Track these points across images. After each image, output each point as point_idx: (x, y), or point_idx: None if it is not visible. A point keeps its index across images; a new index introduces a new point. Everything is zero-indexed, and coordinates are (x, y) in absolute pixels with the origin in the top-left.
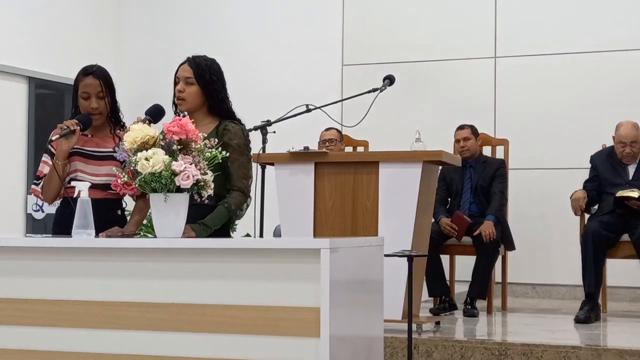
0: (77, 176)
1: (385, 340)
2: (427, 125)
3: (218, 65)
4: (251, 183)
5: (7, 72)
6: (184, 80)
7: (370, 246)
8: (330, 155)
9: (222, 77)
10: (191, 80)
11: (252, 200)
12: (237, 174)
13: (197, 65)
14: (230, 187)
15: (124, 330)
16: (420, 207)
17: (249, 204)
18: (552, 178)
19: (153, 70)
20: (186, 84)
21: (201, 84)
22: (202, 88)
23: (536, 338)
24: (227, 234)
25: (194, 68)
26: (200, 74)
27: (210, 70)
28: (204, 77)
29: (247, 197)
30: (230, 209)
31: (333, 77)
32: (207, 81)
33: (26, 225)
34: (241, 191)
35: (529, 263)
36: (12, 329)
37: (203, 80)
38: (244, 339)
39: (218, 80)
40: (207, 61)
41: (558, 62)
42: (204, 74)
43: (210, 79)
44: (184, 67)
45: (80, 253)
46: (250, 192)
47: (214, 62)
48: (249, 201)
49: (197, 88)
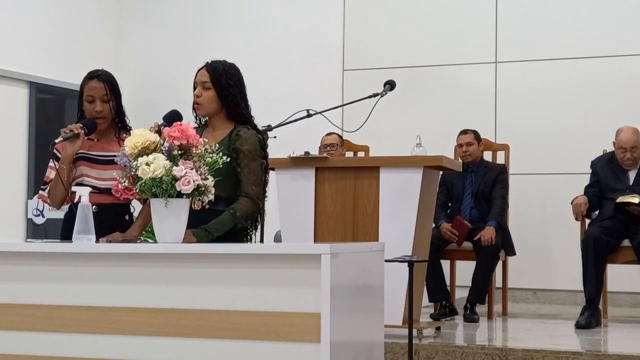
0: (83, 181)
1: (385, 345)
2: (427, 130)
3: (237, 69)
4: (263, 190)
5: (8, 76)
6: (201, 85)
7: (370, 251)
8: (331, 160)
9: (240, 81)
10: (207, 85)
11: None
12: (246, 180)
13: (214, 70)
14: (240, 193)
15: (125, 335)
16: (421, 212)
17: (260, 211)
18: (552, 183)
19: (153, 76)
20: (203, 88)
21: (217, 88)
22: (218, 92)
23: (537, 343)
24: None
25: (211, 72)
26: (216, 78)
27: (227, 75)
28: (219, 82)
29: (256, 204)
30: (235, 215)
31: (334, 82)
32: (222, 85)
33: (27, 230)
34: (249, 198)
35: (529, 268)
36: (12, 334)
37: (219, 84)
38: (245, 344)
39: (235, 85)
40: (224, 66)
41: (559, 67)
42: (220, 79)
43: (227, 83)
44: (202, 71)
45: (80, 258)
46: (262, 199)
47: (232, 66)
48: (261, 208)
49: (214, 92)
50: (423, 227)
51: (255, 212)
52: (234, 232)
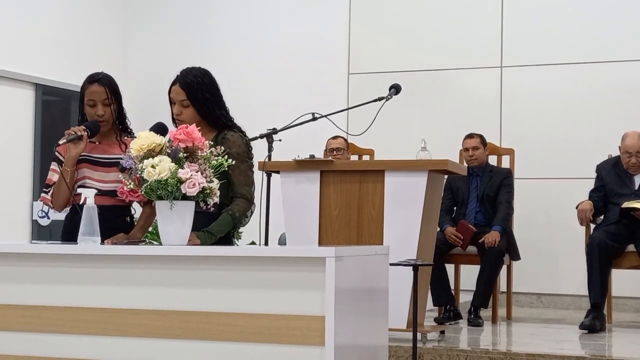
0: (85, 183)
1: (389, 349)
2: (433, 134)
3: (209, 77)
4: (254, 189)
5: (14, 78)
6: (179, 103)
7: (375, 255)
8: (335, 163)
9: (215, 90)
10: (186, 103)
11: (257, 208)
12: (238, 181)
13: (189, 86)
14: (234, 194)
15: (129, 337)
16: (426, 216)
17: (253, 210)
18: (557, 188)
19: (159, 78)
20: (182, 106)
21: (195, 105)
22: (197, 109)
23: (541, 348)
24: (229, 242)
25: (186, 90)
26: (192, 95)
27: (203, 88)
28: (197, 98)
29: (251, 203)
30: (235, 216)
31: (339, 86)
32: (200, 101)
33: (32, 232)
34: (245, 198)
35: (534, 273)
36: (17, 335)
37: (197, 101)
38: (249, 347)
39: (211, 97)
40: (197, 78)
41: (564, 72)
42: (196, 94)
43: (203, 97)
44: (176, 89)
45: (85, 260)
46: (254, 198)
47: (205, 75)
48: (254, 207)
49: (192, 109)
50: (428, 231)
51: (250, 210)
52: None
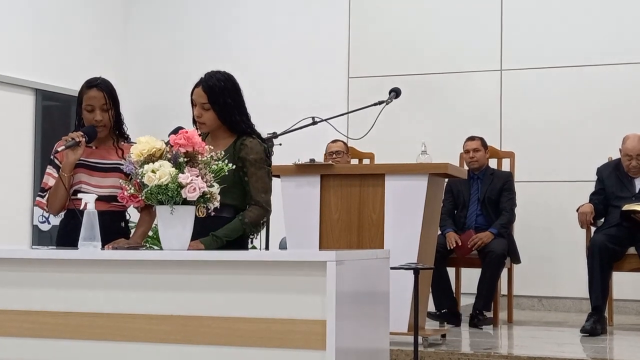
0: (81, 188)
1: (390, 352)
2: (433, 137)
3: (233, 82)
4: (271, 196)
5: (14, 84)
6: (200, 106)
7: (376, 259)
8: (336, 167)
9: (238, 95)
10: (207, 106)
11: None
12: (255, 188)
13: (211, 90)
14: (249, 201)
15: (130, 342)
16: (426, 219)
17: (268, 217)
18: (558, 191)
19: (159, 83)
20: (202, 109)
21: (216, 109)
22: (217, 113)
23: (542, 351)
24: (243, 248)
25: (208, 93)
26: (214, 99)
27: (225, 93)
28: (218, 102)
29: (265, 210)
30: (244, 222)
31: (339, 90)
32: (221, 105)
33: (32, 237)
34: (259, 205)
35: (535, 276)
36: (18, 340)
37: (218, 105)
38: (250, 351)
39: (233, 101)
40: (220, 82)
41: (564, 74)
42: (218, 99)
43: (224, 102)
44: (198, 91)
45: (86, 265)
46: (271, 205)
47: (228, 80)
48: (269, 215)
49: (213, 113)
50: (428, 235)
51: (265, 218)
52: (240, 237)
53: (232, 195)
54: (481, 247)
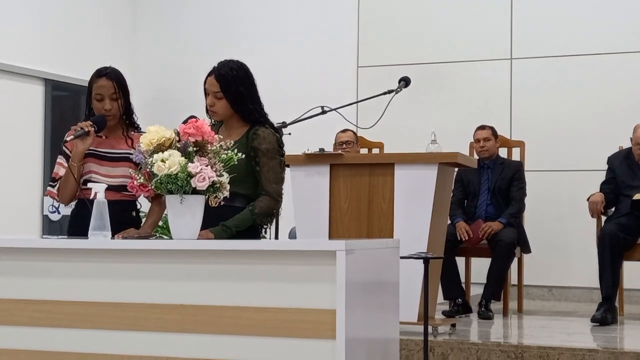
0: (91, 177)
1: (400, 342)
2: (442, 127)
3: (245, 70)
4: (283, 186)
5: (24, 74)
6: (213, 95)
7: (386, 248)
8: (345, 157)
9: (250, 84)
10: (219, 95)
11: None
12: (266, 178)
13: (223, 78)
14: (260, 191)
15: (140, 331)
16: (436, 209)
17: (279, 207)
18: (568, 180)
19: (168, 72)
20: (215, 98)
21: (229, 98)
22: (230, 101)
23: (552, 341)
24: (256, 238)
25: (220, 81)
26: (226, 87)
27: (237, 81)
28: (230, 91)
29: (276, 201)
30: (254, 212)
31: (348, 79)
32: (233, 94)
33: (42, 227)
34: (270, 195)
35: (545, 265)
36: (28, 330)
37: (230, 94)
38: (260, 341)
39: (245, 90)
40: (233, 71)
41: (574, 63)
42: (230, 87)
43: (237, 91)
44: (211, 80)
45: (96, 254)
46: (282, 196)
47: (241, 68)
48: (280, 203)
49: (226, 101)
50: (438, 224)
51: (276, 209)
52: (251, 227)
53: (245, 185)
54: (491, 235)
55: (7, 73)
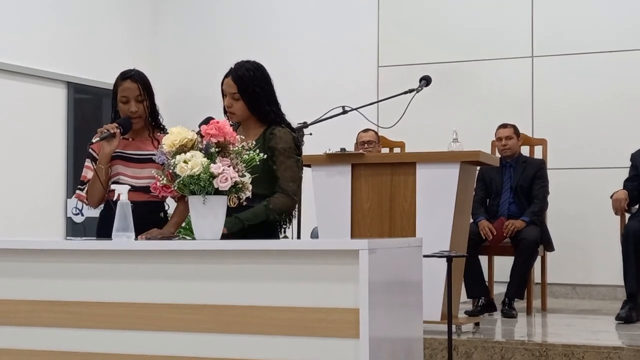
0: (119, 179)
1: (424, 341)
2: (464, 125)
3: (262, 71)
4: (299, 186)
5: (46, 77)
6: (230, 96)
7: (408, 247)
8: (367, 156)
9: (267, 84)
10: (237, 96)
11: None
12: (283, 177)
13: (241, 80)
14: (276, 189)
15: (164, 332)
16: (458, 208)
17: (294, 206)
18: (591, 177)
19: (189, 75)
20: (233, 99)
21: (246, 99)
22: (247, 103)
23: (577, 339)
24: (274, 236)
25: (238, 83)
26: (243, 88)
27: (254, 82)
28: (247, 92)
29: (292, 199)
30: (268, 207)
31: (369, 79)
32: (250, 95)
33: (66, 229)
34: (285, 193)
35: (568, 263)
36: (53, 330)
37: (247, 95)
38: (283, 340)
39: (262, 91)
40: (249, 72)
41: (596, 60)
42: (247, 89)
43: (254, 92)
44: (228, 81)
45: (120, 255)
46: (298, 195)
47: (258, 69)
48: (296, 202)
49: (243, 103)
50: (460, 223)
51: (291, 207)
52: (270, 225)
53: (263, 185)
54: (514, 234)
55: (30, 77)
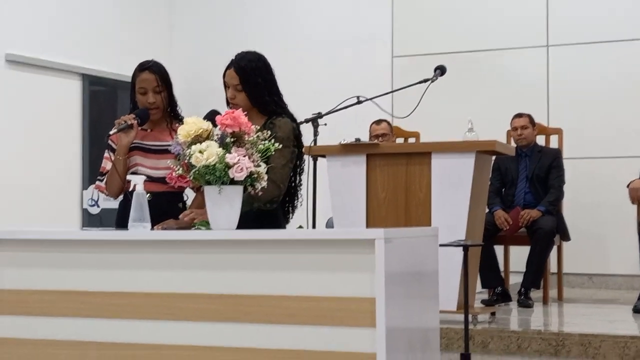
0: (137, 170)
1: (440, 331)
2: (479, 115)
3: (264, 62)
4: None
5: (62, 69)
6: (233, 87)
7: (424, 236)
8: (382, 146)
9: (269, 74)
10: (239, 88)
11: (305, 192)
12: (274, 164)
13: (242, 71)
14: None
15: (181, 321)
16: (474, 197)
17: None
18: (607, 167)
19: (205, 66)
20: (235, 90)
21: (247, 90)
22: (249, 94)
23: (594, 328)
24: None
25: (240, 74)
26: (246, 80)
27: (256, 73)
28: (249, 83)
29: (277, 186)
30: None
31: (383, 69)
32: (252, 86)
33: (82, 220)
34: (272, 181)
35: (585, 253)
36: (70, 320)
37: (249, 86)
38: (300, 329)
39: (264, 81)
40: (251, 63)
41: (612, 49)
42: (249, 79)
43: (256, 82)
44: (230, 73)
45: (136, 245)
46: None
47: (259, 60)
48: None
49: (245, 94)
50: (476, 213)
51: (277, 195)
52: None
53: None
54: (530, 223)
55: (45, 69)
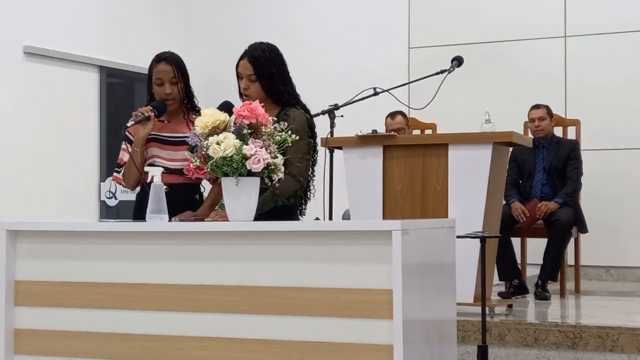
0: (154, 162)
1: (457, 323)
2: (496, 106)
3: (277, 52)
4: (308, 167)
5: (79, 61)
6: (247, 78)
7: (441, 228)
8: (398, 138)
9: (282, 65)
10: (253, 78)
11: (321, 184)
12: (292, 157)
13: (256, 61)
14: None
15: (199, 312)
16: (491, 189)
17: (301, 187)
18: (625, 158)
19: (221, 57)
20: (249, 80)
21: (262, 80)
22: (263, 84)
23: (612, 321)
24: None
25: (254, 64)
26: (259, 71)
27: (270, 63)
28: (263, 73)
29: (298, 181)
30: (275, 193)
31: (400, 60)
32: (266, 77)
33: (100, 212)
34: (292, 175)
35: (602, 245)
36: (87, 312)
37: (263, 76)
38: (317, 321)
39: (278, 72)
40: (265, 53)
41: (629, 40)
42: (263, 70)
43: (270, 73)
44: (244, 63)
45: (153, 237)
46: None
47: (273, 50)
48: (304, 184)
49: (259, 84)
50: (493, 204)
51: (299, 189)
52: (286, 209)
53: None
54: (547, 215)
55: (63, 61)
